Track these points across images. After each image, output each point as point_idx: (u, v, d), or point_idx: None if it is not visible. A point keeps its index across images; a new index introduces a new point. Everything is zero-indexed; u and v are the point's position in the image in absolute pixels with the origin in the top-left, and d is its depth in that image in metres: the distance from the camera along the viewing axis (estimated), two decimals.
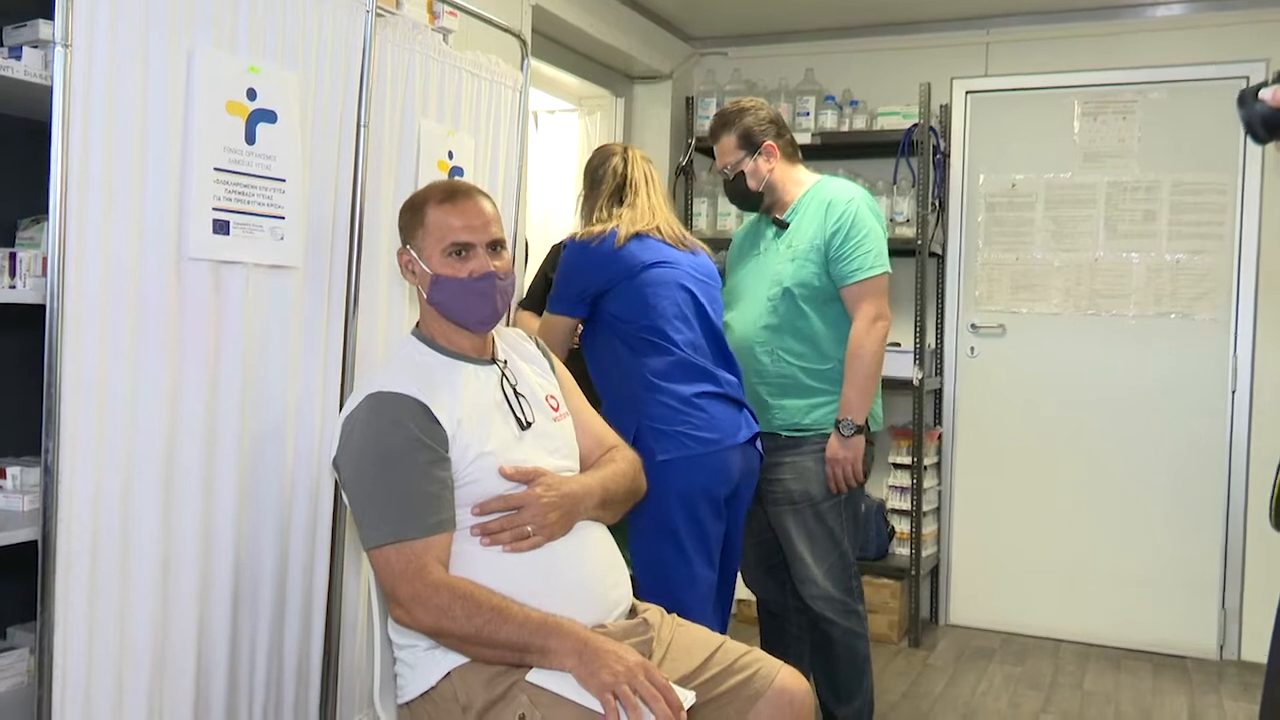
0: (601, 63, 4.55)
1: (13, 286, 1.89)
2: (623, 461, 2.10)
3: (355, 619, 2.39)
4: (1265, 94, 1.36)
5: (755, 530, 2.89)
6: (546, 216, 4.66)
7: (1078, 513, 4.38)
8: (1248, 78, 4.11)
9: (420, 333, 1.98)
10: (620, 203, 2.61)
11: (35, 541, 1.79)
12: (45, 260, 1.88)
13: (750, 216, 3.08)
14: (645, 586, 2.42)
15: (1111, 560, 4.32)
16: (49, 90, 1.75)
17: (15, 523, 1.86)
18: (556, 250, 3.28)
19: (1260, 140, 1.40)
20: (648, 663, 1.70)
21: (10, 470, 1.99)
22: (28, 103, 1.98)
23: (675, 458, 2.41)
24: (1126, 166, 4.32)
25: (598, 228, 2.55)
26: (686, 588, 2.44)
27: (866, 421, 2.78)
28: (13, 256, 1.89)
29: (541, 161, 4.68)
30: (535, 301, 3.20)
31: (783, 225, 2.87)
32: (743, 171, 2.86)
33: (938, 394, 4.58)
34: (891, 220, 4.31)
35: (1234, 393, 4.16)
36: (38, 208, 2.05)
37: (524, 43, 2.95)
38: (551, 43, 4.13)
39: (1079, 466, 4.38)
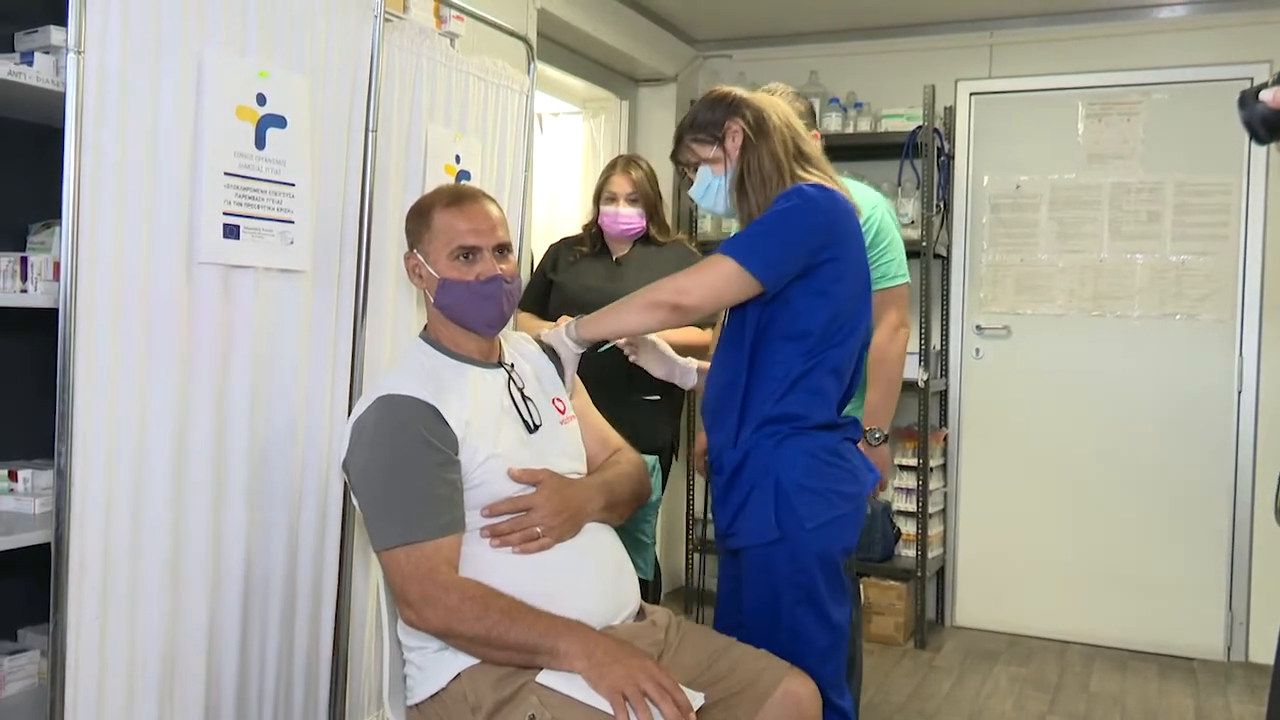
0: (606, 65, 4.57)
1: (24, 290, 1.90)
2: (627, 464, 2.11)
3: (364, 621, 2.40)
4: (1266, 95, 1.36)
5: None
6: (550, 219, 4.67)
7: (1084, 514, 4.38)
8: (1251, 78, 4.10)
9: (428, 336, 1.99)
10: (802, 165, 2.05)
11: (46, 544, 1.80)
12: (57, 265, 1.90)
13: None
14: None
15: (1118, 561, 4.32)
16: (60, 95, 1.76)
17: (27, 525, 1.87)
18: (555, 249, 3.28)
19: (1261, 141, 1.41)
20: (657, 664, 1.70)
21: (22, 473, 2.00)
22: (39, 108, 1.99)
23: (826, 520, 1.96)
24: (1131, 167, 4.32)
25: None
26: (826, 658, 1.99)
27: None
28: (24, 261, 1.90)
29: (546, 164, 4.70)
30: (534, 301, 3.19)
31: None
32: None
33: (943, 395, 4.58)
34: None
35: (1240, 393, 4.16)
36: (49, 212, 2.06)
37: (530, 47, 2.96)
38: (556, 45, 4.14)
39: (1085, 467, 4.38)
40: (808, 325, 1.95)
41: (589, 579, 1.88)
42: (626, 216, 3.05)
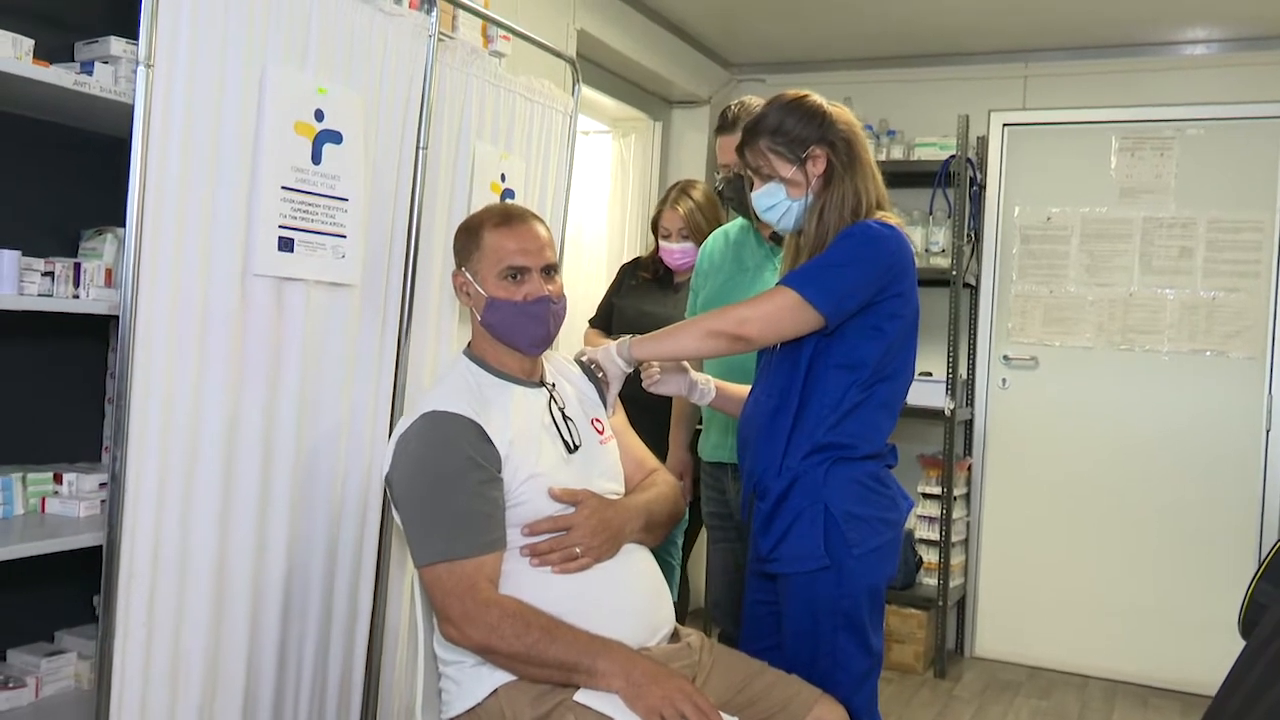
0: (641, 86, 4.60)
1: (76, 296, 1.92)
2: (664, 485, 2.12)
3: (399, 633, 2.41)
4: None
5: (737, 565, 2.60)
6: (578, 238, 4.69)
7: (1107, 547, 4.36)
8: None
9: (472, 353, 2.00)
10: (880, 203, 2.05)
11: (87, 547, 1.82)
12: (109, 271, 1.93)
13: (723, 229, 2.86)
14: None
15: (1140, 596, 4.30)
16: (117, 105, 1.79)
17: (72, 528, 1.89)
18: (623, 271, 3.32)
19: None
20: (694, 686, 1.71)
21: (67, 476, 2.02)
22: (91, 115, 2.02)
23: (874, 547, 1.98)
24: (1163, 202, 4.32)
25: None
26: (860, 683, 2.00)
27: None
28: (77, 267, 1.93)
29: (575, 183, 4.70)
30: (601, 320, 3.28)
31: (779, 241, 2.77)
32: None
33: (968, 425, 4.57)
34: (926, 250, 4.33)
35: (1269, 432, 4.14)
36: (101, 219, 2.09)
37: (575, 68, 2.98)
38: (593, 66, 4.18)
39: (1109, 501, 4.36)
40: (863, 356, 1.97)
41: (626, 600, 1.88)
42: (680, 251, 3.09)
